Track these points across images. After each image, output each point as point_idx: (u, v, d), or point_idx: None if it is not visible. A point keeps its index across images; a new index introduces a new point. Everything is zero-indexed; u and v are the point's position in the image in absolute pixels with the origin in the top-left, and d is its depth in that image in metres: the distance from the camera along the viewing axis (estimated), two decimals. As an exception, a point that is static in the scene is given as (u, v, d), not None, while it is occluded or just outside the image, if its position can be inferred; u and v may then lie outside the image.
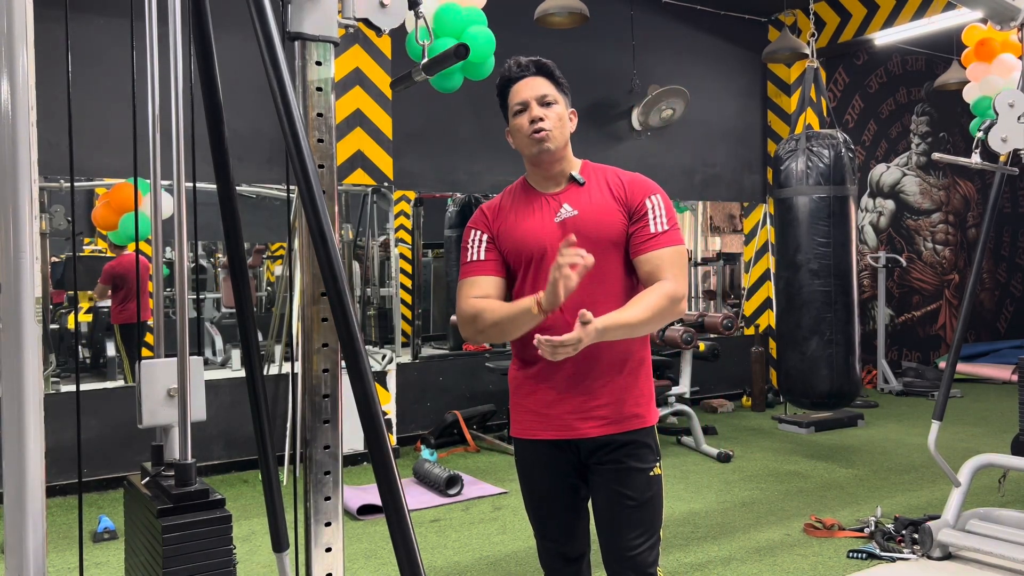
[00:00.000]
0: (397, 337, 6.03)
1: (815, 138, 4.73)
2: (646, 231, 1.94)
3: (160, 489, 1.69)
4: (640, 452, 1.99)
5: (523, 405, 2.04)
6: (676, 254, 1.94)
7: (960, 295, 9.35)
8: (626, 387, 1.97)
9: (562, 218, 1.97)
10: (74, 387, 4.90)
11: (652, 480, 1.99)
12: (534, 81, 1.98)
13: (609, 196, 1.97)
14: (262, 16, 1.35)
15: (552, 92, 1.98)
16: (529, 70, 1.98)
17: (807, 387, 4.76)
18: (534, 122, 1.94)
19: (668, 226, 1.95)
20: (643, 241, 1.94)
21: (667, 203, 1.98)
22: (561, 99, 2.00)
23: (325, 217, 1.31)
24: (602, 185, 1.99)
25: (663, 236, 1.93)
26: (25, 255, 1.05)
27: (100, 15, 4.84)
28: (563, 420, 1.98)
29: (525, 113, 1.96)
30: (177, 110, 1.76)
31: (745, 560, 3.56)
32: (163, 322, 1.91)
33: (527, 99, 1.96)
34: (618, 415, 1.97)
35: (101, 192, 4.93)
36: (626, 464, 1.97)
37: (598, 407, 1.96)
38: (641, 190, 1.97)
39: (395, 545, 1.24)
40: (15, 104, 1.05)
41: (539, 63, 2.00)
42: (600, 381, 1.95)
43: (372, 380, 1.29)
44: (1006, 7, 3.23)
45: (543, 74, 1.99)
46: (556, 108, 1.97)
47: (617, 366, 1.96)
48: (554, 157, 1.97)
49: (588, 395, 1.95)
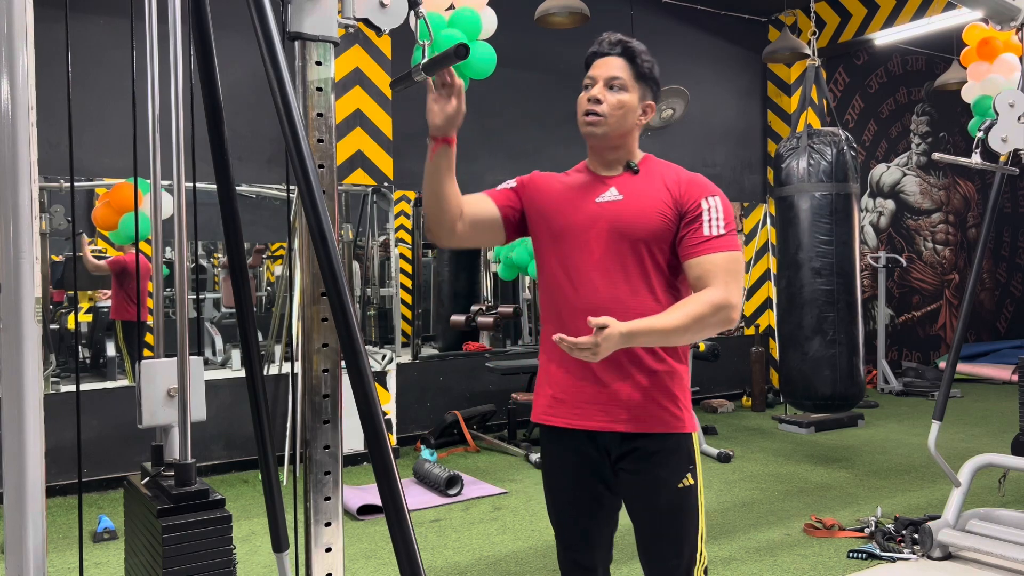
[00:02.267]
0: (397, 337, 6.03)
1: (817, 136, 4.73)
2: (698, 234, 1.82)
3: (160, 489, 1.69)
4: (669, 460, 1.86)
5: (542, 388, 1.96)
6: (729, 260, 1.81)
7: (960, 295, 9.35)
8: (654, 385, 1.85)
9: (605, 200, 1.88)
10: (74, 387, 4.90)
11: (681, 492, 1.86)
12: (613, 62, 1.87)
13: (662, 190, 1.86)
14: (262, 16, 1.35)
15: (626, 78, 1.86)
16: (614, 49, 1.88)
17: (809, 389, 4.73)
18: (591, 101, 1.85)
19: (724, 230, 1.82)
20: (694, 244, 1.82)
21: (726, 206, 1.86)
22: (636, 88, 1.87)
23: (325, 217, 1.31)
24: (657, 178, 1.89)
25: (716, 240, 1.81)
26: (25, 255, 1.05)
27: (100, 15, 4.84)
28: (582, 409, 1.88)
29: (589, 90, 1.88)
30: (177, 110, 1.76)
31: (745, 560, 3.56)
32: (163, 322, 1.91)
33: (596, 77, 1.87)
34: (643, 413, 1.85)
35: (101, 192, 4.93)
36: (651, 473, 1.86)
37: (620, 400, 1.85)
38: (698, 190, 1.85)
39: (395, 545, 1.24)
40: (15, 104, 1.05)
41: (626, 46, 1.89)
42: (624, 372, 1.84)
43: (372, 380, 1.29)
44: (1006, 7, 3.23)
45: (626, 57, 1.88)
46: (622, 96, 1.85)
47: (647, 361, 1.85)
48: (605, 143, 1.88)
49: (607, 386, 1.85)
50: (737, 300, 1.79)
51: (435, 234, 1.91)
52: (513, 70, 6.27)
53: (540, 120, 6.46)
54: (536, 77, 6.44)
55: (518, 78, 6.36)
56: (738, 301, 1.80)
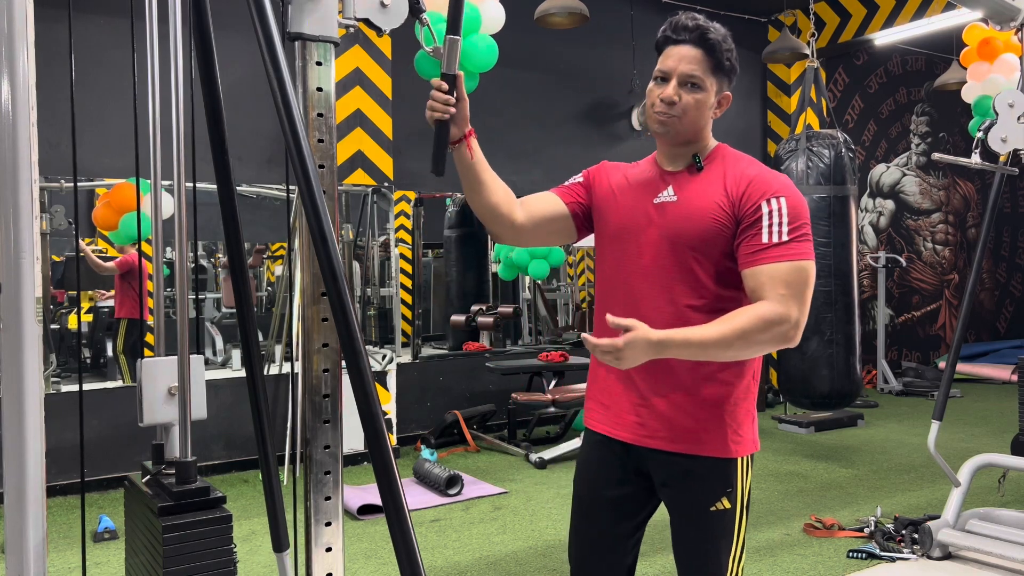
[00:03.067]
0: (397, 337, 6.03)
1: (815, 138, 4.73)
2: (756, 241, 1.62)
3: (160, 487, 1.69)
4: (703, 482, 1.73)
5: (590, 390, 1.87)
6: (792, 271, 1.60)
7: (960, 295, 9.35)
8: (699, 403, 1.71)
9: (661, 200, 1.74)
10: (75, 387, 4.91)
11: (713, 516, 1.73)
12: (689, 54, 1.69)
13: (720, 190, 1.69)
14: (262, 16, 1.35)
15: (703, 74, 1.69)
16: (691, 36, 1.70)
17: (807, 387, 4.76)
18: (664, 102, 1.69)
19: (788, 236, 1.61)
20: (750, 253, 1.63)
21: (795, 209, 1.64)
22: (713, 84, 1.71)
23: (325, 217, 1.31)
24: (719, 176, 1.71)
25: (777, 248, 1.61)
26: (25, 255, 1.05)
27: (101, 15, 4.84)
28: (622, 418, 1.77)
29: (662, 86, 1.71)
30: (177, 110, 1.76)
31: (745, 560, 3.56)
32: (163, 321, 1.91)
33: (670, 71, 1.70)
34: (682, 432, 1.71)
35: (102, 192, 4.93)
36: (683, 493, 1.75)
37: (658, 415, 1.73)
38: (760, 190, 1.65)
39: (395, 545, 1.25)
40: (15, 104, 1.05)
41: (703, 33, 1.70)
42: (658, 387, 1.72)
43: (372, 380, 1.30)
44: (1006, 7, 3.23)
45: (704, 47, 1.69)
46: (699, 95, 1.69)
47: (694, 377, 1.70)
48: (675, 140, 1.74)
49: (643, 399, 1.74)
50: (798, 315, 1.60)
51: (497, 234, 1.85)
52: (513, 70, 6.27)
53: (540, 120, 6.46)
54: (536, 77, 6.44)
55: (518, 78, 6.36)
56: (799, 316, 1.60)
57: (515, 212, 1.80)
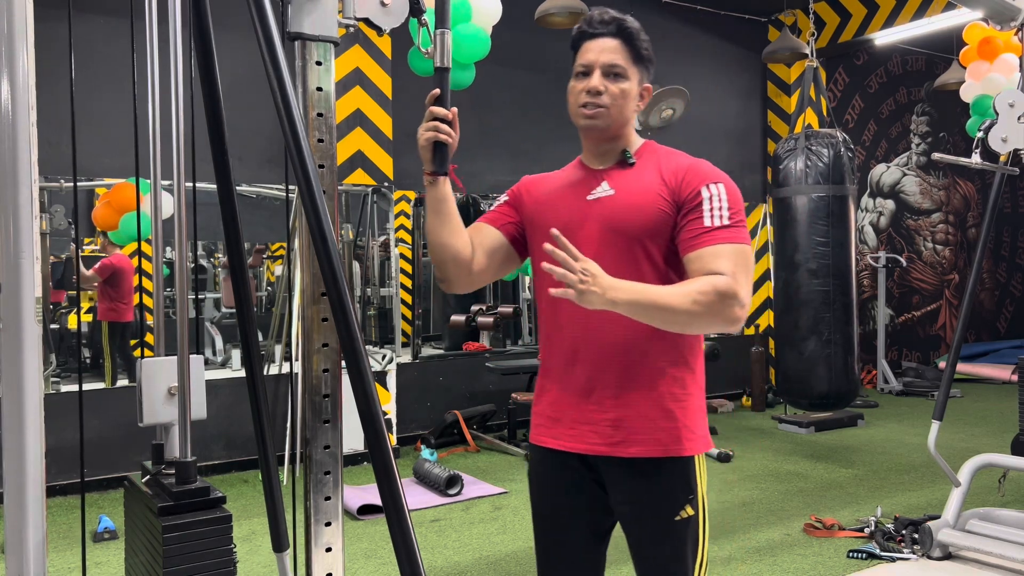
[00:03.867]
0: (397, 337, 6.03)
1: (814, 137, 4.73)
2: (699, 225, 1.62)
3: (160, 487, 1.69)
4: (665, 489, 1.68)
5: (537, 405, 1.82)
6: (737, 252, 1.60)
7: (960, 295, 9.35)
8: (655, 403, 1.68)
9: (596, 196, 1.71)
10: (74, 387, 4.90)
11: (677, 525, 1.68)
12: (608, 44, 1.68)
13: (657, 180, 1.68)
14: (262, 16, 1.35)
15: (625, 63, 1.68)
16: (608, 29, 1.69)
17: (805, 387, 4.76)
18: (590, 93, 1.68)
19: (729, 221, 1.61)
20: (693, 236, 1.62)
21: (732, 194, 1.65)
22: (635, 73, 1.71)
23: (325, 217, 1.31)
24: (653, 167, 1.71)
25: (719, 231, 1.60)
26: (25, 255, 1.05)
27: (101, 15, 4.84)
28: (572, 428, 1.72)
29: (585, 79, 1.69)
30: (177, 110, 1.76)
31: (745, 560, 3.56)
32: (163, 321, 1.91)
33: (592, 64, 1.68)
34: (632, 435, 1.67)
35: (101, 192, 4.93)
36: (646, 504, 1.69)
37: (614, 420, 1.68)
38: (698, 177, 1.66)
39: (395, 545, 1.25)
40: (15, 104, 1.05)
41: (621, 24, 1.69)
42: (613, 389, 1.68)
43: (372, 380, 1.29)
44: (1006, 7, 3.23)
45: (623, 38, 1.69)
46: (623, 84, 1.68)
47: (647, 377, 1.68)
48: (603, 135, 1.72)
49: (597, 404, 1.69)
50: (745, 295, 1.57)
51: (452, 279, 1.76)
52: (513, 70, 6.28)
53: (540, 120, 6.47)
54: (536, 77, 6.44)
55: (518, 78, 6.36)
56: (746, 297, 1.57)
57: (475, 256, 1.76)
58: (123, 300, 5.39)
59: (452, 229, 1.73)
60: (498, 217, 1.83)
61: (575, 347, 1.70)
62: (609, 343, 1.67)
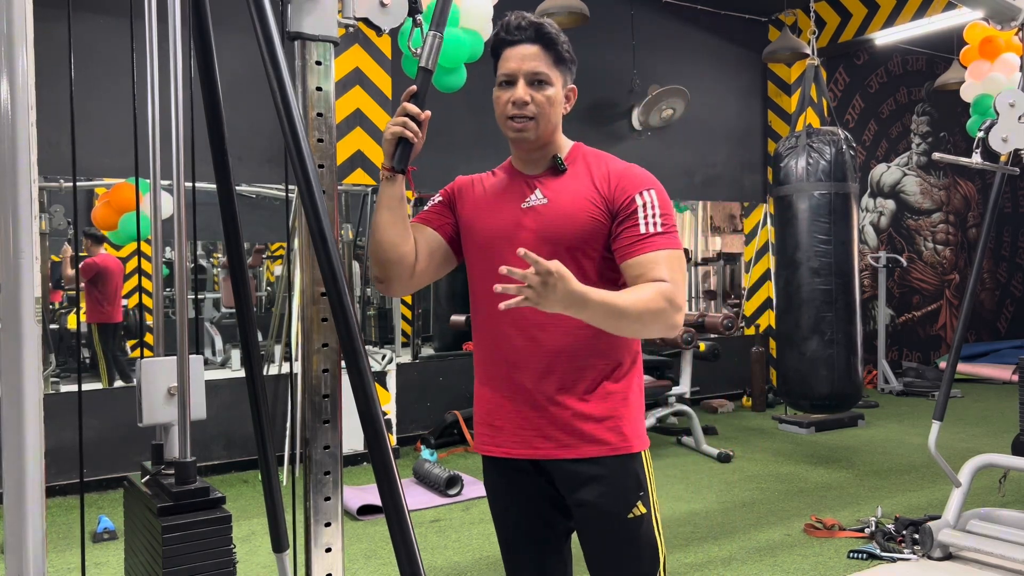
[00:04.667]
0: (397, 337, 6.03)
1: (816, 135, 4.72)
2: (635, 232, 1.62)
3: (160, 487, 1.69)
4: (615, 488, 1.68)
5: (479, 415, 1.80)
6: (673, 258, 1.62)
7: (960, 295, 9.35)
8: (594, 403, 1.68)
9: (530, 204, 1.70)
10: (74, 387, 4.89)
11: (631, 524, 1.68)
12: (529, 51, 1.66)
13: (589, 187, 1.68)
14: (262, 16, 1.35)
15: (548, 69, 1.66)
16: (526, 35, 1.66)
17: (806, 389, 4.73)
18: (517, 105, 1.66)
19: (663, 228, 1.63)
20: (629, 244, 1.63)
21: (663, 200, 1.67)
22: (558, 77, 1.69)
23: (325, 217, 1.31)
24: (585, 174, 1.70)
25: (655, 238, 1.62)
26: (25, 255, 1.05)
27: (101, 15, 4.84)
28: (517, 435, 1.71)
29: (510, 88, 1.67)
30: (177, 110, 1.76)
31: (745, 560, 3.56)
32: (163, 321, 1.91)
33: (514, 73, 1.66)
34: (578, 436, 1.67)
35: (101, 192, 4.93)
36: (597, 504, 1.68)
37: (559, 423, 1.68)
38: (631, 184, 1.66)
39: (395, 545, 1.24)
40: (15, 104, 1.05)
41: (540, 29, 1.66)
42: (553, 394, 1.68)
43: (372, 380, 1.29)
44: (1006, 7, 3.23)
45: (542, 43, 1.66)
46: (548, 91, 1.67)
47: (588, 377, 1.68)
48: (533, 145, 1.71)
49: (540, 409, 1.68)
50: (683, 302, 1.60)
51: (390, 281, 1.72)
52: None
53: (540, 120, 6.46)
54: (536, 77, 6.43)
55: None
56: (683, 303, 1.60)
57: (418, 258, 1.74)
58: (109, 301, 5.36)
59: (401, 229, 1.71)
60: (434, 218, 1.81)
61: (518, 354, 1.70)
62: (547, 349, 1.68)
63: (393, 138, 1.65)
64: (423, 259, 1.75)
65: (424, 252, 1.76)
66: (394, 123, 1.65)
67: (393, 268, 1.72)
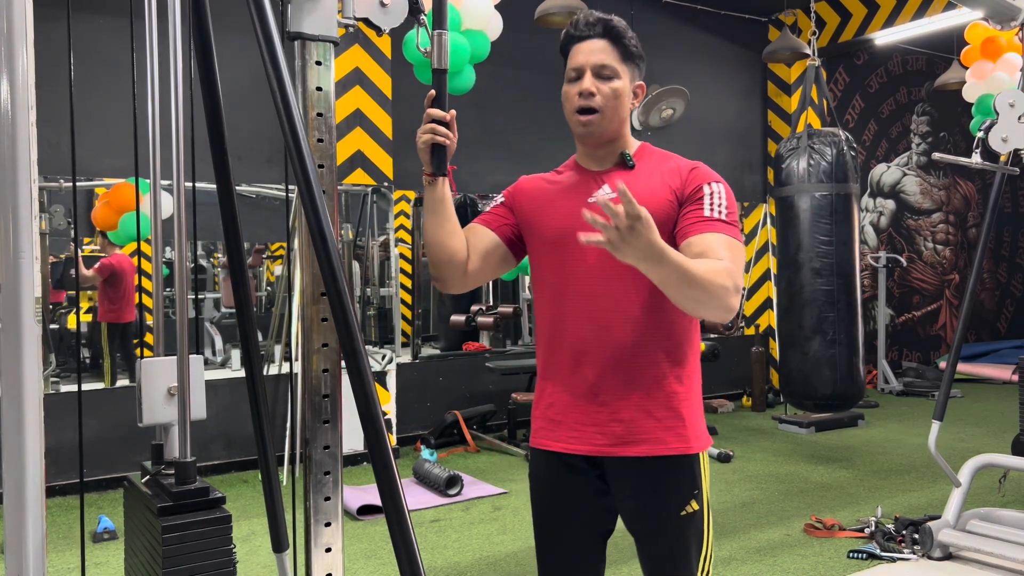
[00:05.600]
0: (397, 337, 6.03)
1: (817, 136, 4.73)
2: (699, 213, 1.63)
3: (160, 487, 1.69)
4: (671, 486, 1.69)
5: (537, 408, 1.81)
6: (735, 246, 1.61)
7: (960, 295, 9.35)
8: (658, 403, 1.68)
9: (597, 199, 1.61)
10: (74, 387, 4.90)
11: (683, 520, 1.69)
12: (596, 45, 1.69)
13: (662, 184, 1.68)
14: (262, 16, 1.35)
15: (615, 63, 1.68)
16: (595, 31, 1.69)
17: (809, 388, 4.73)
18: (583, 96, 1.68)
19: (727, 218, 1.63)
20: (692, 223, 1.62)
21: (730, 196, 1.68)
22: (626, 72, 1.70)
23: (325, 217, 1.31)
24: (654, 170, 1.71)
25: (720, 223, 1.62)
26: (25, 255, 1.05)
27: (101, 15, 4.84)
28: (576, 430, 1.71)
29: (577, 82, 1.70)
30: (177, 110, 1.76)
31: (745, 560, 3.56)
32: (163, 321, 1.91)
33: (582, 66, 1.69)
34: (644, 434, 1.67)
35: (101, 192, 4.93)
36: (652, 501, 1.69)
37: (619, 420, 1.68)
38: (701, 176, 1.68)
39: (395, 545, 1.24)
40: (15, 104, 1.05)
41: (608, 24, 1.69)
42: (618, 391, 1.68)
43: (372, 380, 1.29)
44: (1006, 7, 3.23)
45: (610, 38, 1.69)
46: (615, 83, 1.68)
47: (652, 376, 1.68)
48: (600, 139, 1.72)
49: (603, 405, 1.69)
50: (740, 284, 1.56)
51: (447, 280, 1.76)
52: (514, 70, 6.28)
53: (540, 120, 6.46)
54: (536, 77, 6.44)
55: (518, 78, 6.36)
56: (740, 287, 1.56)
57: (471, 258, 1.76)
58: (123, 300, 5.39)
59: (449, 230, 1.73)
60: (494, 219, 1.82)
61: (581, 349, 1.70)
62: (615, 344, 1.67)
63: (426, 146, 1.68)
64: (476, 259, 1.77)
65: (478, 253, 1.77)
66: (423, 131, 1.67)
67: (445, 268, 1.74)
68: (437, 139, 1.66)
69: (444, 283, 1.78)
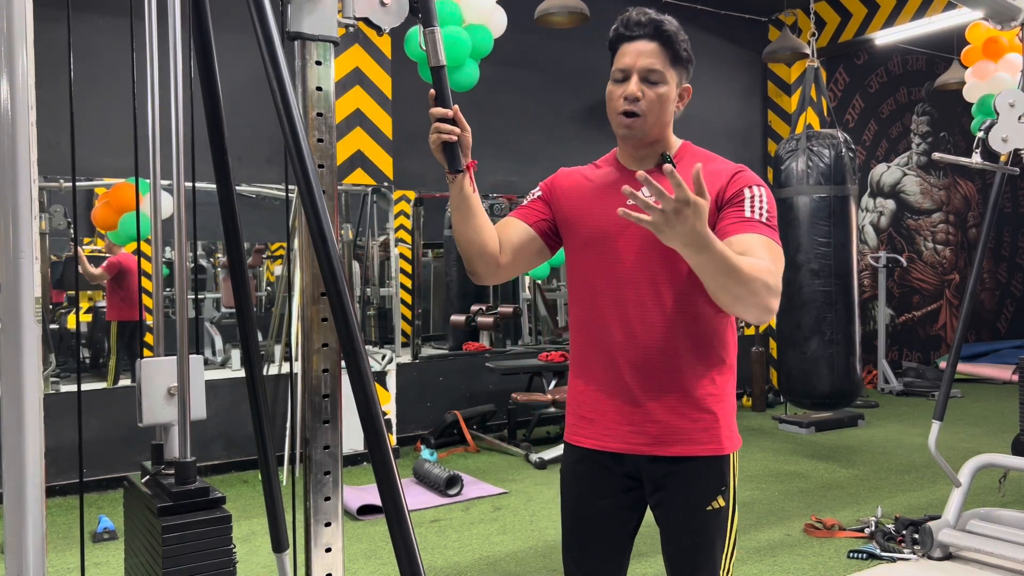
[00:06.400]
0: (397, 337, 6.03)
1: (816, 138, 4.73)
2: (740, 213, 1.61)
3: (160, 487, 1.69)
4: (699, 482, 1.69)
5: (570, 406, 1.82)
6: (776, 249, 1.59)
7: (960, 295, 9.35)
8: (691, 403, 1.68)
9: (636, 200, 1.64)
10: (74, 387, 4.90)
11: (709, 515, 1.70)
12: (646, 48, 1.65)
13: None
14: (262, 16, 1.35)
15: (663, 67, 1.65)
16: (645, 31, 1.66)
17: (808, 387, 4.76)
18: (628, 100, 1.66)
19: (767, 220, 1.61)
20: (733, 222, 1.60)
21: (771, 201, 1.66)
22: (673, 76, 1.67)
23: (325, 217, 1.31)
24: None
25: (761, 225, 1.59)
26: (25, 255, 1.05)
27: (101, 15, 4.84)
28: (610, 428, 1.72)
29: (623, 84, 1.68)
30: (177, 110, 1.76)
31: (745, 560, 3.56)
32: (163, 321, 1.91)
33: (629, 68, 1.67)
34: (676, 433, 1.68)
35: (101, 192, 4.93)
36: (679, 495, 1.70)
37: (652, 420, 1.68)
38: (743, 179, 1.66)
39: (395, 545, 1.24)
40: (15, 104, 1.04)
41: (659, 26, 1.66)
42: (653, 392, 1.68)
43: (372, 380, 1.29)
44: (1006, 7, 3.23)
45: (661, 40, 1.65)
46: (661, 89, 1.66)
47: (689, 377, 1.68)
48: (642, 142, 1.71)
49: (637, 406, 1.69)
50: (779, 288, 1.55)
51: (480, 273, 1.76)
52: (513, 70, 6.27)
53: (540, 120, 6.46)
54: (536, 77, 6.44)
55: (518, 78, 6.36)
56: (780, 290, 1.55)
57: (501, 251, 1.76)
58: (131, 298, 5.41)
59: (476, 225, 1.72)
60: (530, 213, 1.81)
61: (615, 350, 1.70)
62: (651, 346, 1.68)
63: (436, 147, 1.67)
64: (509, 253, 1.77)
65: (511, 246, 1.77)
66: (431, 132, 1.67)
67: (476, 262, 1.75)
68: (443, 137, 1.65)
69: (478, 276, 1.78)
